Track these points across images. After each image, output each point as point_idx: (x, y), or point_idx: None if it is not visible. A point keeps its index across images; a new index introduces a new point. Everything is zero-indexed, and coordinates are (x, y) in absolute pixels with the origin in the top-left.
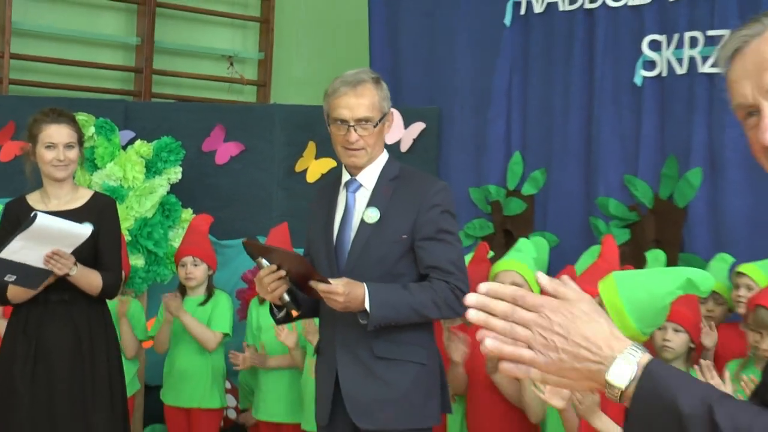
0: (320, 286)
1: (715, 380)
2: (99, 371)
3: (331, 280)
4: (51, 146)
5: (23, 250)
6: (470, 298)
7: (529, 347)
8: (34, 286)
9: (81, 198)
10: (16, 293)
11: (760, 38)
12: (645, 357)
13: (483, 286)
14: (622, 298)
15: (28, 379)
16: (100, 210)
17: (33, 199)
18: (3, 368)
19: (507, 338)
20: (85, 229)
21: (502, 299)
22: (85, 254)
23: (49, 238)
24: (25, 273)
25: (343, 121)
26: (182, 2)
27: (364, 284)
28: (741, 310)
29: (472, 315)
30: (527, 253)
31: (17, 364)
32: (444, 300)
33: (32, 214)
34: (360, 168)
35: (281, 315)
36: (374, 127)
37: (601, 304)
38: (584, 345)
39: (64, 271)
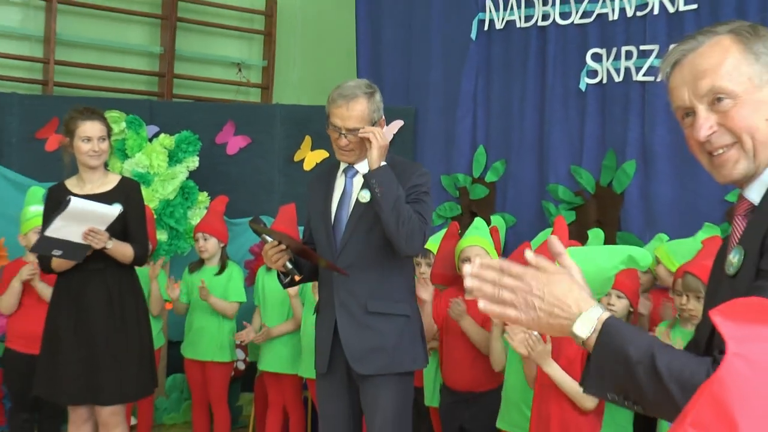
0: (367, 128)
1: None
2: (130, 325)
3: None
4: (86, 139)
5: (64, 228)
6: (467, 269)
7: (513, 307)
8: (78, 258)
9: (110, 182)
10: (60, 263)
11: (695, 53)
12: (605, 315)
13: (477, 261)
14: (583, 259)
15: (71, 331)
16: (127, 192)
17: (71, 183)
18: (50, 322)
19: (496, 301)
20: (114, 210)
21: (491, 269)
22: (117, 230)
23: (84, 218)
24: (69, 248)
25: (336, 128)
26: (199, 17)
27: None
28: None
29: (469, 283)
30: (484, 230)
31: (62, 319)
32: (413, 222)
33: (67, 198)
34: (353, 161)
35: (287, 280)
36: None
37: None
38: (557, 305)
39: (100, 245)
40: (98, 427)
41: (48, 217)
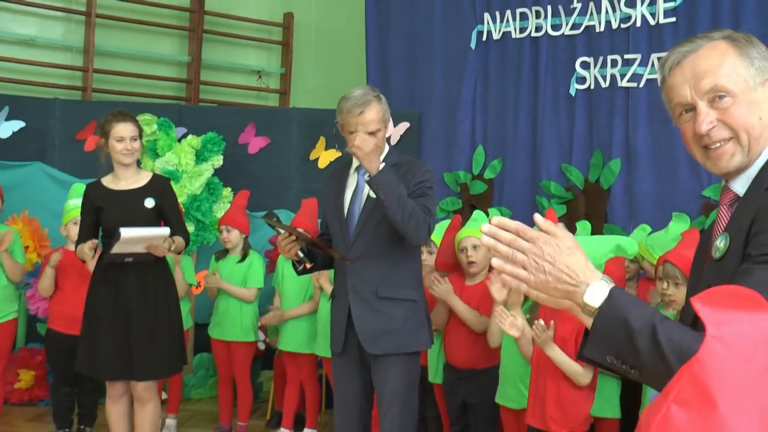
0: (350, 144)
1: None
2: (161, 308)
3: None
4: (120, 139)
5: (125, 248)
6: (484, 227)
7: (524, 268)
8: (149, 258)
9: (143, 179)
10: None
11: (695, 54)
12: (611, 285)
13: (495, 219)
14: None
15: (109, 313)
16: (161, 188)
17: (106, 180)
18: (90, 306)
19: (508, 260)
20: (164, 231)
21: (507, 230)
22: (154, 222)
23: (140, 240)
24: (137, 256)
25: (353, 134)
26: (223, 29)
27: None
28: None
29: (485, 240)
30: (481, 221)
31: (101, 302)
32: (417, 215)
33: (118, 232)
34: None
35: (300, 268)
36: (382, 133)
37: None
38: (566, 271)
39: (163, 254)
40: (133, 401)
41: (85, 212)
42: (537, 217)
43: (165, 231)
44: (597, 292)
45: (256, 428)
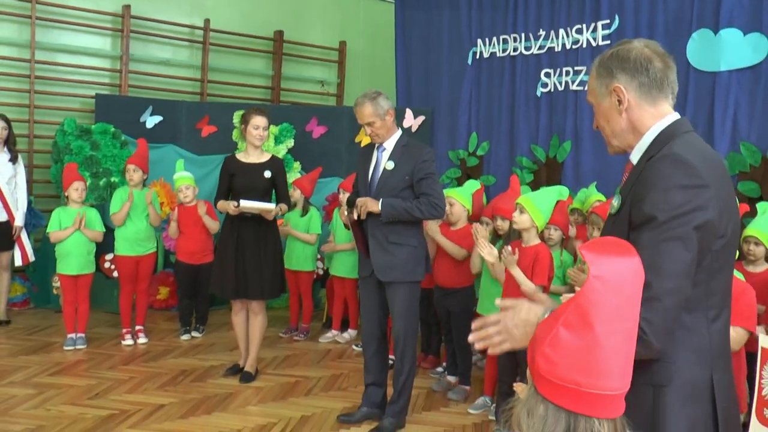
0: (357, 202)
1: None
2: (268, 249)
3: (359, 199)
4: (257, 127)
5: (244, 210)
6: (471, 337)
7: (506, 341)
8: (262, 214)
9: (265, 157)
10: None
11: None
12: (548, 311)
13: (474, 328)
14: (533, 201)
15: (232, 251)
16: (276, 165)
17: (240, 155)
18: (221, 245)
19: (494, 344)
20: (269, 206)
21: (486, 326)
22: (268, 187)
23: (252, 208)
24: (254, 215)
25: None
26: (297, 52)
27: (381, 199)
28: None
29: (477, 345)
30: (467, 190)
31: (227, 243)
32: (425, 207)
33: (238, 201)
34: (381, 142)
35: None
36: (378, 123)
37: (521, 208)
38: (526, 325)
39: (270, 218)
40: (248, 313)
41: (224, 176)
42: (497, 301)
43: (270, 206)
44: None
45: (315, 328)
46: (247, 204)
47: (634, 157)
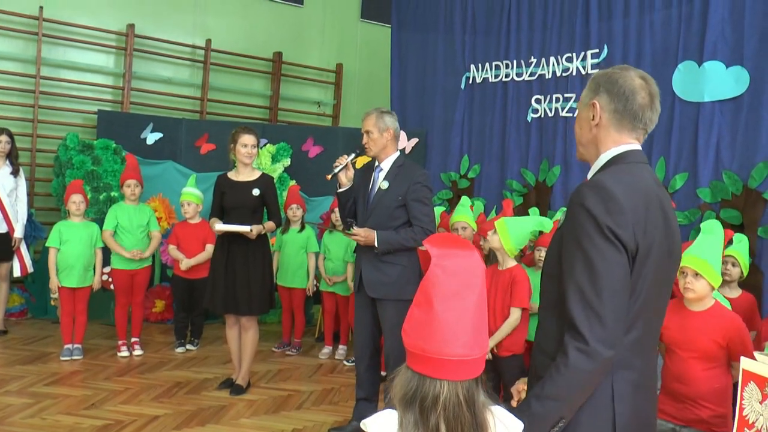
0: (352, 232)
1: None
2: (257, 266)
3: (355, 229)
4: (245, 146)
5: (222, 229)
6: None
7: None
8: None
9: (255, 175)
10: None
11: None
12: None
13: None
14: (507, 226)
15: (222, 268)
16: (266, 183)
17: (231, 174)
18: (213, 263)
19: None
20: (244, 228)
21: None
22: (258, 205)
23: (230, 229)
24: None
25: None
26: (295, 73)
27: (376, 231)
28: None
29: None
30: (467, 207)
31: (219, 261)
32: (419, 236)
33: (216, 227)
34: (377, 157)
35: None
36: (374, 135)
37: (495, 230)
38: None
39: (252, 237)
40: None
41: (217, 194)
42: None
43: (245, 228)
44: None
45: (306, 343)
46: (222, 227)
47: (589, 175)
